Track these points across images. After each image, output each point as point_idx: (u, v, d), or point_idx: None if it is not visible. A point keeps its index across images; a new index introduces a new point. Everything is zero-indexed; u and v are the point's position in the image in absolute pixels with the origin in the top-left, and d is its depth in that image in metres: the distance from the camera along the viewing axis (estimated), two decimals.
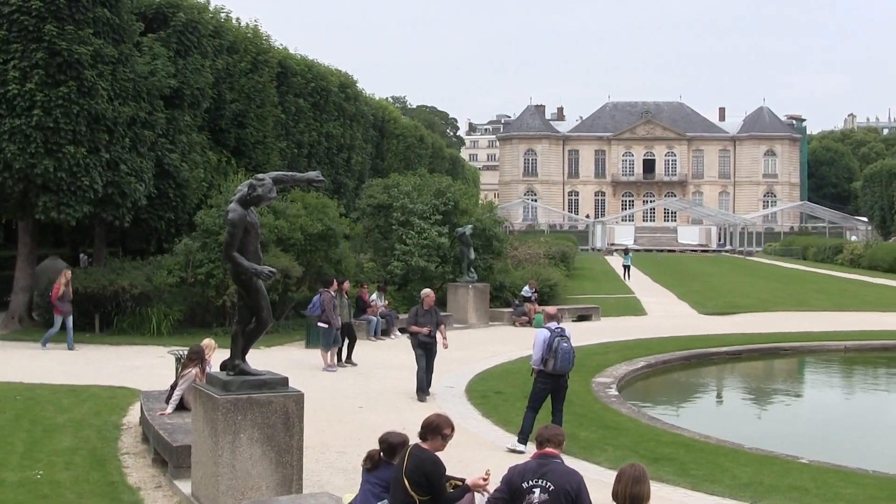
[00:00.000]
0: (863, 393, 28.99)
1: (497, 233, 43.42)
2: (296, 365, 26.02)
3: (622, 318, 42.13)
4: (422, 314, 23.04)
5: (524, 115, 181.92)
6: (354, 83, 60.24)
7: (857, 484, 15.12)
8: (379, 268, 40.62)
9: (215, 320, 33.01)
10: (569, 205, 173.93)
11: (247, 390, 12.36)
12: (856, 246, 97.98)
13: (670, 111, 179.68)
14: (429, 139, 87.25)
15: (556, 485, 9.52)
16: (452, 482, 10.96)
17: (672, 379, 29.38)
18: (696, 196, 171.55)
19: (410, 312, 24.01)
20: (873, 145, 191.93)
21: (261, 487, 12.26)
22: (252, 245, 12.66)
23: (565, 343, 17.24)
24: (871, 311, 45.70)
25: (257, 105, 44.32)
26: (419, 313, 23.10)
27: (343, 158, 56.49)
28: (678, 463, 16.20)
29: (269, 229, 32.09)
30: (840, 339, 34.93)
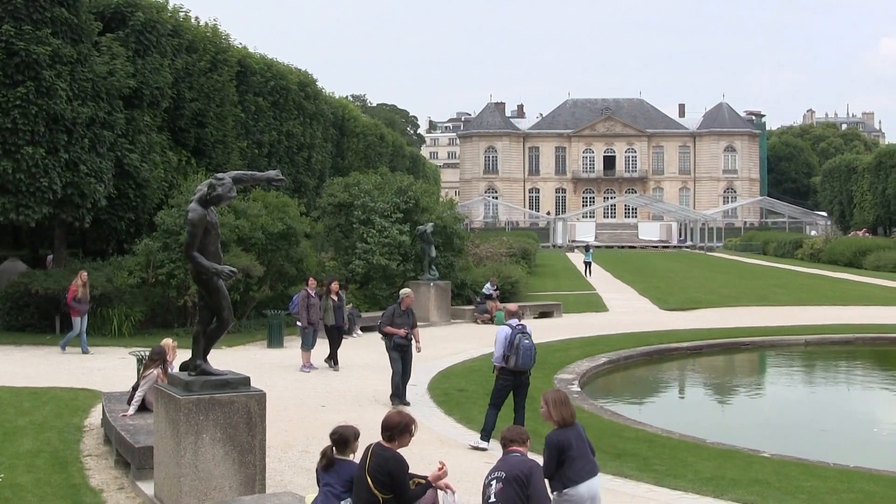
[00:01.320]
0: (823, 386, 29.19)
1: (458, 230, 43.42)
2: (258, 364, 26.02)
3: (584, 314, 42.24)
4: (399, 315, 21.94)
5: (484, 113, 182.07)
6: (314, 82, 60.15)
7: (818, 477, 15.24)
8: (340, 266, 40.53)
9: (177, 321, 32.91)
10: (530, 202, 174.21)
11: (209, 390, 12.32)
12: (815, 241, 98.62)
13: (630, 108, 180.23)
14: (389, 137, 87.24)
15: (509, 472, 9.78)
16: (415, 480, 10.98)
17: (634, 375, 29.48)
18: (656, 192, 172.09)
19: (386, 312, 22.61)
20: (832, 140, 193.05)
21: (224, 488, 12.24)
22: (212, 245, 12.63)
23: (526, 340, 17.27)
24: (830, 305, 46.00)
25: (217, 104, 44.18)
26: (396, 314, 21.97)
27: (303, 157, 56.38)
28: (641, 458, 16.27)
29: (230, 229, 32.03)
30: (800, 334, 35.17)
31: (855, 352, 33.82)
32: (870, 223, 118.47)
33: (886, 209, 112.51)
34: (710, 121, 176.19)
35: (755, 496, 14.11)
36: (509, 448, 10.19)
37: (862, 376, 30.83)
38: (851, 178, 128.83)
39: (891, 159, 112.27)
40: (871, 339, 34.88)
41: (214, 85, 43.85)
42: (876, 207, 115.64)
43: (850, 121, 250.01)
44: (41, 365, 26.47)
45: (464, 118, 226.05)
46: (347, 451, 11.14)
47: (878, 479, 15.22)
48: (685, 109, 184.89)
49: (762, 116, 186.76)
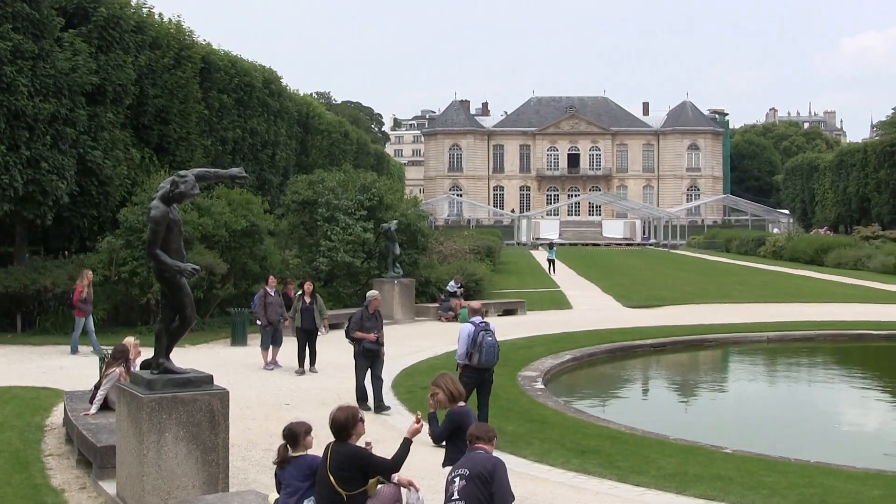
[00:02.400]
0: (785, 383, 29.34)
1: (422, 228, 43.41)
2: (221, 363, 25.95)
3: (548, 312, 42.30)
4: (367, 318, 21.13)
5: (449, 111, 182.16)
6: (279, 79, 60.03)
7: (780, 472, 15.36)
8: (304, 264, 40.46)
9: (139, 319, 32.77)
10: (494, 200, 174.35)
11: (171, 389, 12.28)
12: (778, 238, 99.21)
13: (595, 106, 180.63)
14: (353, 135, 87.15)
15: (472, 469, 9.76)
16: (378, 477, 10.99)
17: (598, 372, 29.55)
18: (620, 190, 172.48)
19: (354, 317, 21.59)
20: (794, 139, 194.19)
21: (187, 486, 12.20)
22: (175, 242, 12.58)
23: (490, 337, 17.32)
24: (792, 302, 46.23)
25: (180, 101, 43.95)
26: (364, 317, 21.13)
27: (267, 154, 56.25)
28: (604, 455, 16.33)
29: (194, 226, 31.92)
30: (762, 331, 35.37)
31: (816, 348, 34.04)
32: (831, 221, 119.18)
33: (847, 207, 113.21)
34: (673, 119, 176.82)
35: (717, 492, 14.21)
36: (475, 445, 10.18)
37: (823, 373, 31.03)
38: (813, 176, 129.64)
39: (852, 158, 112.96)
40: (831, 336, 35.11)
41: (178, 82, 43.61)
42: (837, 206, 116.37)
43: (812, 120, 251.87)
44: (1, 364, 26.27)
45: (428, 116, 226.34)
46: (299, 446, 11.16)
47: (838, 474, 15.37)
48: (649, 108, 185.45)
49: (725, 115, 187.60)
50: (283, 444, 11.30)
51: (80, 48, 35.15)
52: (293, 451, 11.19)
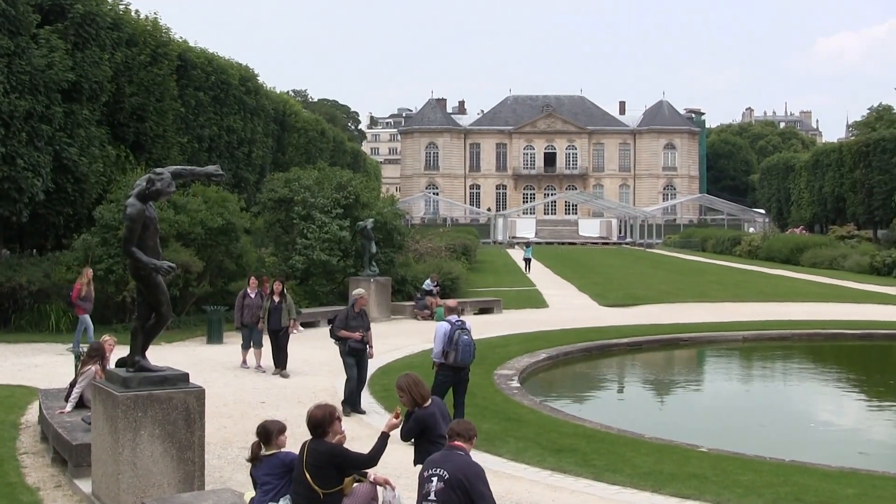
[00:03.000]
0: (760, 382, 29.47)
1: (398, 226, 43.42)
2: (197, 361, 25.90)
3: (523, 310, 42.34)
4: (353, 317, 20.73)
5: (425, 109, 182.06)
6: (255, 76, 59.87)
7: (755, 471, 15.42)
8: (280, 262, 40.42)
9: (115, 316, 32.65)
10: (470, 198, 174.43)
11: (147, 387, 12.25)
12: (753, 237, 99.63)
13: (571, 105, 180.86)
14: (330, 133, 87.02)
15: (451, 473, 9.65)
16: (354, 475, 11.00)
17: (573, 371, 29.59)
18: (596, 189, 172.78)
19: (339, 316, 21.30)
20: (770, 138, 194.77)
21: (162, 485, 12.17)
22: (151, 240, 12.54)
23: (466, 336, 17.35)
24: (768, 301, 46.41)
25: (157, 98, 43.79)
26: (350, 316, 20.75)
27: (244, 152, 56.12)
28: (580, 454, 16.36)
29: (170, 224, 31.86)
30: (738, 330, 35.49)
31: (791, 347, 34.19)
32: (807, 221, 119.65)
33: (823, 207, 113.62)
34: (650, 118, 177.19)
35: (693, 490, 14.26)
36: (454, 443, 10.11)
37: (798, 372, 31.16)
38: (789, 176, 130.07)
39: (827, 158, 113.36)
40: (806, 335, 35.26)
41: (154, 79, 43.45)
42: (813, 205, 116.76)
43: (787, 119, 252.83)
44: None
45: (405, 114, 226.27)
46: (272, 445, 11.16)
47: (813, 473, 15.44)
48: (626, 107, 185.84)
49: (702, 114, 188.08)
50: (257, 441, 11.30)
51: (56, 45, 35.01)
52: (266, 450, 11.19)
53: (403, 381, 12.21)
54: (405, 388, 12.08)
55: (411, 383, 12.17)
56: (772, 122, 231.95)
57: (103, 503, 12.56)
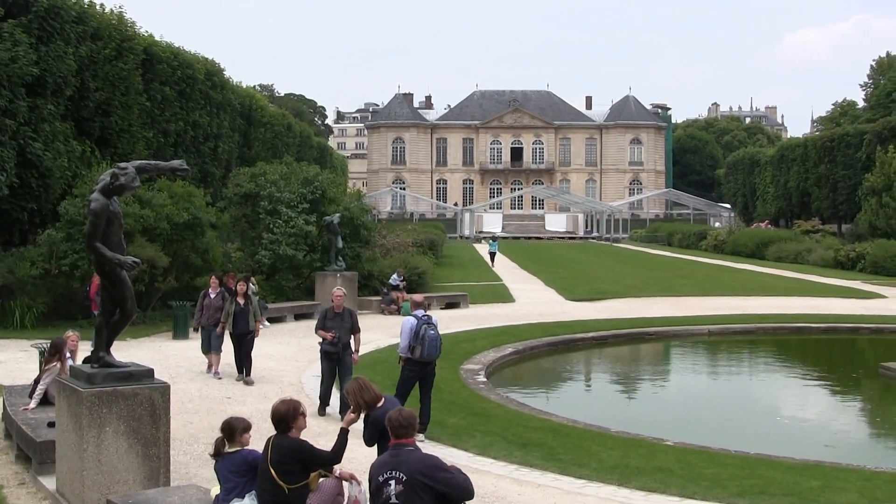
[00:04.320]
0: (726, 376, 29.56)
1: (365, 221, 43.33)
2: (163, 356, 25.83)
3: (490, 305, 42.38)
4: (331, 317, 19.69)
5: (392, 104, 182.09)
6: (221, 71, 59.60)
7: (720, 464, 15.50)
8: (247, 257, 40.30)
9: (80, 312, 32.45)
10: (437, 193, 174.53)
11: (112, 383, 12.19)
12: (719, 232, 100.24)
13: (538, 100, 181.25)
14: (296, 127, 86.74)
15: (409, 474, 9.50)
16: (319, 471, 10.97)
17: (540, 365, 29.66)
18: (563, 184, 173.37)
19: (319, 315, 20.53)
20: (736, 133, 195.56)
21: (128, 481, 12.12)
22: (115, 235, 12.48)
23: (432, 330, 17.33)
24: (733, 295, 46.65)
25: (122, 93, 43.55)
26: (328, 316, 19.75)
27: (210, 147, 55.87)
28: (546, 448, 16.39)
29: (135, 219, 31.69)
30: (703, 324, 35.67)
31: (756, 341, 34.38)
32: (772, 215, 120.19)
33: (788, 202, 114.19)
34: (616, 113, 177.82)
35: (658, 484, 14.31)
36: (401, 440, 9.82)
37: (764, 365, 31.32)
38: (754, 170, 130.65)
39: (792, 153, 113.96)
40: (771, 329, 35.49)
41: (120, 73, 43.22)
42: (778, 200, 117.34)
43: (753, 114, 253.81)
44: None
45: (372, 109, 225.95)
46: (235, 442, 11.10)
47: (778, 466, 15.54)
48: (592, 102, 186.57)
49: (668, 109, 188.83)
50: (221, 437, 11.26)
51: (20, 39, 34.78)
52: (229, 447, 11.15)
53: (350, 387, 12.06)
54: (351, 393, 11.97)
55: (357, 389, 11.97)
56: (737, 117, 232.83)
57: (68, 500, 12.50)
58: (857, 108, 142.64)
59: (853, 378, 28.71)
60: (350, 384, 12.20)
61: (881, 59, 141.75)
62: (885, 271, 59.94)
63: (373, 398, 11.92)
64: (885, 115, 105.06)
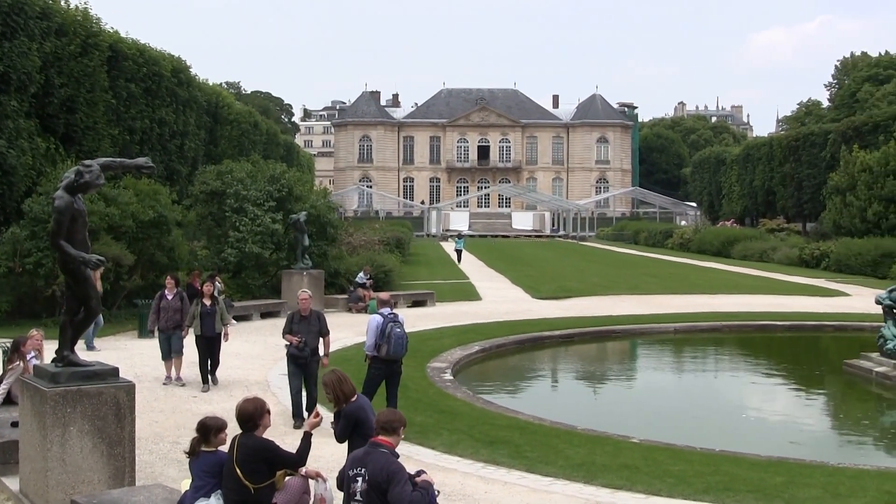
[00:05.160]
0: (692, 373, 29.65)
1: (331, 219, 43.26)
2: (128, 355, 25.73)
3: (457, 303, 42.36)
4: (297, 321, 18.91)
5: (359, 102, 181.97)
6: (187, 68, 59.32)
7: (686, 461, 15.55)
8: (213, 255, 40.16)
9: (45, 311, 32.30)
10: (404, 191, 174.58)
11: (76, 382, 12.13)
12: (685, 230, 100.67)
13: (505, 98, 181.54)
14: (263, 125, 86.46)
15: (371, 475, 9.57)
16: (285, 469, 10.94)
17: (506, 363, 29.66)
18: (530, 182, 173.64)
19: (287, 318, 19.53)
20: (702, 132, 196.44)
21: (92, 481, 12.07)
22: (80, 233, 12.42)
23: (398, 329, 17.32)
24: (699, 293, 46.82)
25: (87, 90, 43.28)
26: (294, 320, 18.95)
27: (176, 145, 55.60)
28: (513, 445, 16.41)
29: (100, 216, 31.54)
30: (669, 322, 35.77)
31: (722, 339, 34.52)
32: (737, 214, 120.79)
33: (753, 200, 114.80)
34: (583, 112, 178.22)
35: (624, 481, 14.36)
36: (377, 438, 9.90)
37: (729, 363, 31.48)
38: (720, 169, 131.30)
39: (758, 152, 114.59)
40: (737, 327, 35.65)
41: (85, 70, 42.95)
42: (743, 198, 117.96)
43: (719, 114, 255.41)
44: None
45: (339, 106, 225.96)
46: (210, 442, 11.05)
47: (742, 462, 15.61)
48: (559, 100, 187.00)
49: (634, 108, 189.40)
50: (197, 437, 11.21)
51: None
52: (205, 446, 11.10)
53: (328, 378, 12.16)
54: (330, 384, 12.04)
55: (335, 380, 12.10)
56: (704, 116, 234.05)
57: (32, 501, 12.43)
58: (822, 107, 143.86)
59: (817, 375, 28.85)
60: (328, 376, 12.25)
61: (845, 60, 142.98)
62: (848, 270, 60.26)
63: (350, 390, 12.14)
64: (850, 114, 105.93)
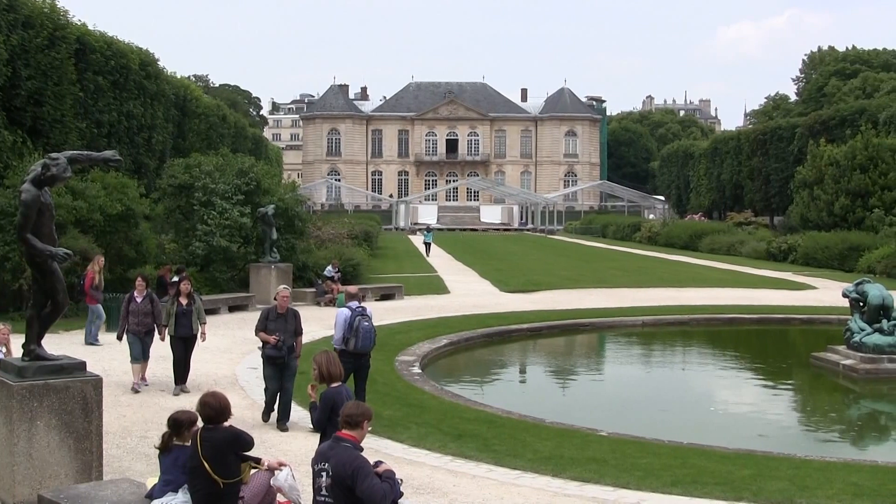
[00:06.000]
0: (660, 367, 29.75)
1: (299, 212, 43.18)
2: (96, 349, 25.63)
3: (425, 296, 42.37)
4: (273, 318, 18.20)
5: (328, 95, 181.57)
6: (155, 61, 59.06)
7: (653, 454, 15.62)
8: (181, 249, 40.03)
9: (11, 304, 32.11)
10: (372, 184, 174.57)
11: (43, 376, 12.08)
12: (653, 224, 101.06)
13: (473, 92, 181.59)
14: (231, 118, 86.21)
15: (335, 470, 9.54)
16: (250, 463, 10.92)
17: (475, 356, 29.71)
18: (498, 176, 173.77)
19: (261, 315, 18.70)
20: (670, 126, 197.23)
21: (60, 475, 12.02)
22: (47, 227, 12.36)
23: (366, 322, 17.36)
24: (667, 287, 46.98)
25: (54, 83, 43.03)
26: (269, 317, 18.23)
27: (144, 138, 55.37)
28: (481, 439, 16.43)
29: (68, 210, 31.38)
30: (637, 315, 35.86)
31: (690, 332, 34.67)
32: (705, 207, 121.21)
33: (721, 194, 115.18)
34: (551, 105, 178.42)
35: (592, 474, 14.39)
36: (341, 433, 9.77)
37: (697, 356, 31.58)
38: (688, 163, 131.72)
39: (726, 146, 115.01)
40: (705, 320, 35.80)
41: (52, 63, 42.68)
42: (711, 192, 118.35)
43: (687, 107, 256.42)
44: None
45: (307, 100, 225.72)
46: (182, 436, 11.03)
47: (711, 455, 15.69)
48: (527, 94, 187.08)
49: (603, 102, 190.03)
50: (168, 432, 11.17)
51: None
52: (177, 440, 11.07)
53: (320, 356, 12.20)
54: (321, 362, 12.07)
55: (327, 360, 12.21)
56: (672, 109, 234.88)
57: None
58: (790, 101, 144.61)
59: (785, 368, 28.97)
60: (320, 355, 12.36)
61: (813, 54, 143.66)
62: (815, 263, 60.58)
63: (337, 374, 12.25)
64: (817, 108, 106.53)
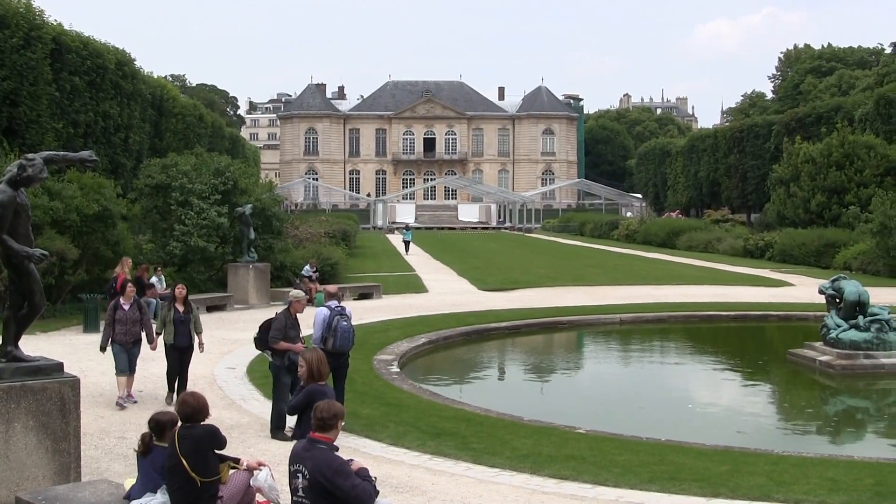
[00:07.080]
0: (638, 364, 29.75)
1: (277, 212, 43.13)
2: (73, 350, 25.52)
3: (403, 295, 42.35)
4: (291, 326, 17.44)
5: (305, 94, 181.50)
6: (132, 61, 58.94)
7: (632, 451, 15.64)
8: (158, 249, 39.94)
9: None
10: (350, 184, 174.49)
11: (20, 377, 12.02)
12: (630, 222, 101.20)
13: (451, 90, 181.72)
14: (208, 118, 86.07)
15: (311, 473, 9.54)
16: (229, 463, 10.92)
17: (453, 355, 29.72)
18: (476, 174, 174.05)
19: (276, 324, 17.33)
20: (647, 124, 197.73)
21: (37, 477, 11.97)
22: (23, 227, 12.31)
23: (345, 321, 17.33)
24: (644, 284, 47.05)
25: (30, 83, 42.93)
26: (288, 325, 17.38)
27: (120, 138, 55.25)
28: (459, 437, 16.43)
29: (44, 210, 31.24)
30: (615, 313, 35.90)
31: (668, 329, 34.75)
32: (682, 205, 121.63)
33: (698, 191, 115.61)
34: (529, 104, 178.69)
35: (571, 471, 14.40)
36: (314, 435, 9.77)
37: (675, 353, 31.67)
38: (665, 161, 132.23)
39: (703, 143, 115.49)
40: (682, 318, 35.86)
41: (28, 63, 42.58)
42: (688, 190, 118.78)
43: (664, 105, 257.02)
44: None
45: (284, 99, 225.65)
46: (164, 437, 11.01)
47: (689, 452, 15.71)
48: (505, 92, 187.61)
49: (580, 100, 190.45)
50: (149, 433, 11.16)
51: None
52: (158, 442, 11.06)
53: (311, 354, 12.31)
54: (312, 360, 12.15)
55: (317, 359, 12.63)
56: (649, 108, 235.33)
57: None
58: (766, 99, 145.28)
59: (762, 364, 29.07)
60: (311, 352, 12.85)
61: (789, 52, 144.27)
62: (792, 260, 60.75)
63: (326, 374, 13.00)
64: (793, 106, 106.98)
